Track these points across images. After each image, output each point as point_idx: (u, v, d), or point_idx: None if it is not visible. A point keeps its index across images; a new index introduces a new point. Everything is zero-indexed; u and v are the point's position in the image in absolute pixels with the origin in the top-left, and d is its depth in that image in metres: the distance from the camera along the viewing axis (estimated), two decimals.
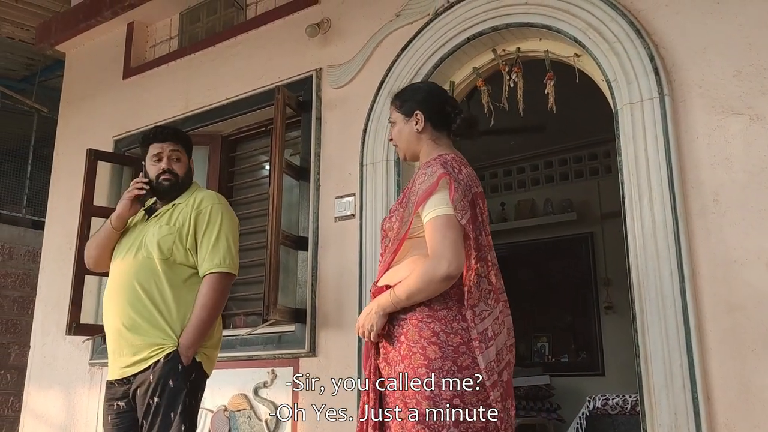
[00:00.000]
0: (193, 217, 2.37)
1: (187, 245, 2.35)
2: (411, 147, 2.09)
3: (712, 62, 2.53)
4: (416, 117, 2.05)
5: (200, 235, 2.36)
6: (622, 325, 5.32)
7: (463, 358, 1.82)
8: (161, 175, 2.44)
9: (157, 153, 2.46)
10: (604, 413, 4.01)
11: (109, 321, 2.36)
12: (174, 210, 2.43)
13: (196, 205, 2.40)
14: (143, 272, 2.32)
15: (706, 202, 2.45)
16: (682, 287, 2.39)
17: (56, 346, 4.39)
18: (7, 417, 6.41)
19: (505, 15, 3.02)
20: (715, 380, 2.32)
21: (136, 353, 2.26)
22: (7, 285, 6.63)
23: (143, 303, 2.29)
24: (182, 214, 2.40)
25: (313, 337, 3.30)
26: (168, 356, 2.23)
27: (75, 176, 4.43)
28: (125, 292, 2.32)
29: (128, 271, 2.34)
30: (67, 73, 5.10)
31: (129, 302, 2.30)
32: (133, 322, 2.28)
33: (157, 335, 2.26)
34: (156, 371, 2.22)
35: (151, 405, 2.20)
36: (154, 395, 2.20)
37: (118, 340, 2.31)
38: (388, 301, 1.89)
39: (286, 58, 3.80)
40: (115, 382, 2.33)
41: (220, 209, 2.42)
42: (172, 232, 2.35)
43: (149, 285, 2.30)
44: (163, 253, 2.32)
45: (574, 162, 6.15)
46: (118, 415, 2.32)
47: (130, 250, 2.39)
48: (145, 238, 2.37)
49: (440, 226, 1.84)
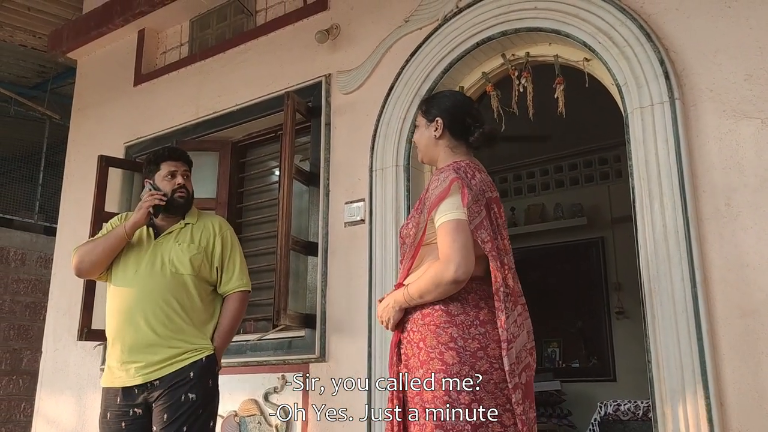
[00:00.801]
0: (219, 240, 2.63)
1: (215, 264, 2.60)
2: (429, 151, 2.15)
3: (723, 66, 2.52)
4: (436, 123, 2.11)
5: (226, 257, 2.63)
6: (633, 331, 5.29)
7: (481, 363, 1.85)
8: (177, 191, 2.60)
9: (172, 171, 2.62)
10: (616, 419, 3.98)
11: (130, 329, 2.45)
12: (191, 230, 2.62)
13: (218, 230, 2.65)
14: (174, 286, 2.49)
15: (718, 206, 2.43)
16: (694, 292, 2.37)
17: (68, 351, 4.41)
18: (20, 422, 6.45)
19: (514, 20, 3.02)
20: (728, 386, 2.30)
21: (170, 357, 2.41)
22: (20, 291, 6.68)
23: (178, 313, 2.47)
24: (204, 235, 2.61)
25: (323, 343, 3.30)
26: (210, 356, 2.47)
27: (86, 182, 4.46)
28: (158, 302, 2.45)
29: (158, 284, 2.48)
30: (79, 80, 5.14)
31: (164, 312, 2.45)
32: (168, 330, 2.44)
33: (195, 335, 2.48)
34: (196, 369, 2.41)
35: (188, 399, 2.36)
36: (192, 391, 2.38)
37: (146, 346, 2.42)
38: (402, 298, 1.97)
39: (295, 64, 3.81)
40: (135, 388, 2.41)
41: (234, 234, 2.73)
42: (200, 251, 2.57)
43: (182, 298, 2.49)
44: (194, 269, 2.53)
45: (585, 166, 6.13)
46: (134, 421, 2.41)
47: (149, 264, 2.52)
48: (170, 255, 2.53)
49: (450, 230, 1.88)
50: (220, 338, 2.54)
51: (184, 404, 2.35)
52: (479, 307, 1.92)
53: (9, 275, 6.63)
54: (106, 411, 2.46)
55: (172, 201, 2.58)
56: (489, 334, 1.89)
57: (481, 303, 1.93)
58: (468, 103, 2.24)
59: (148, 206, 2.51)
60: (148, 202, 2.52)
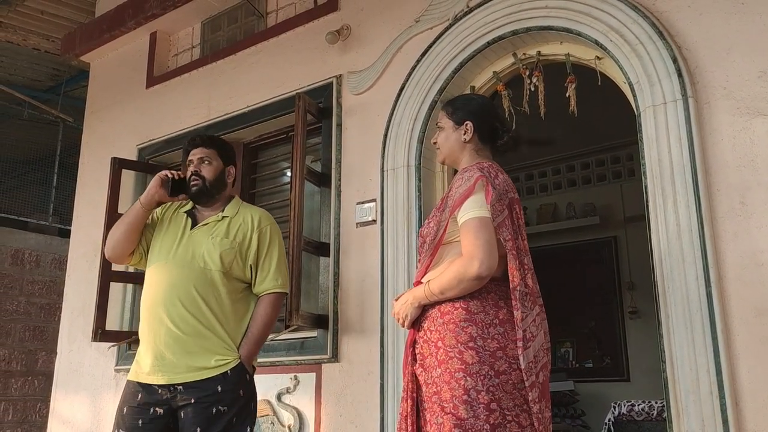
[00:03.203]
0: (256, 236, 2.45)
1: (249, 262, 2.43)
2: (454, 154, 2.16)
3: (737, 63, 2.50)
4: (466, 127, 2.12)
5: (262, 255, 2.45)
6: (647, 330, 5.26)
7: (500, 363, 1.86)
8: (190, 180, 2.48)
9: (190, 160, 2.52)
10: (630, 419, 3.96)
11: (154, 324, 2.34)
12: (227, 223, 2.46)
13: (257, 225, 2.47)
14: (202, 282, 2.35)
15: (732, 204, 2.41)
16: (709, 291, 2.35)
17: (82, 352, 4.44)
18: (35, 422, 6.51)
19: (525, 19, 3.01)
20: (743, 385, 2.28)
21: (193, 360, 2.27)
22: (35, 292, 6.74)
23: (202, 311, 2.32)
24: (241, 230, 2.45)
25: (336, 343, 3.31)
26: (236, 368, 2.30)
27: (100, 185, 4.49)
28: (181, 297, 2.32)
29: (184, 278, 2.35)
30: (92, 83, 5.18)
31: (187, 308, 2.31)
32: (192, 328, 2.30)
33: (218, 344, 2.31)
34: (225, 382, 2.27)
35: (219, 412, 2.24)
36: (222, 404, 2.25)
37: (167, 343, 2.29)
38: (422, 294, 1.97)
39: (306, 66, 3.82)
40: (158, 387, 2.28)
41: (276, 230, 2.53)
42: (233, 247, 2.41)
43: (208, 295, 2.34)
44: (224, 266, 2.38)
45: (597, 165, 6.10)
46: (152, 420, 2.27)
47: (180, 255, 2.39)
48: (201, 248, 2.39)
49: (474, 227, 1.90)
50: (246, 346, 2.35)
51: (216, 417, 2.23)
52: (498, 306, 1.93)
53: (24, 277, 6.69)
54: (123, 405, 2.32)
55: (188, 190, 2.48)
56: (508, 333, 1.90)
57: (500, 302, 1.94)
58: (495, 107, 2.29)
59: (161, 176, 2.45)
60: (162, 173, 2.47)
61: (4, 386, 6.42)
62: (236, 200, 2.58)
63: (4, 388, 6.42)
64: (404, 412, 1.98)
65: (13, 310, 6.55)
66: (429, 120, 3.24)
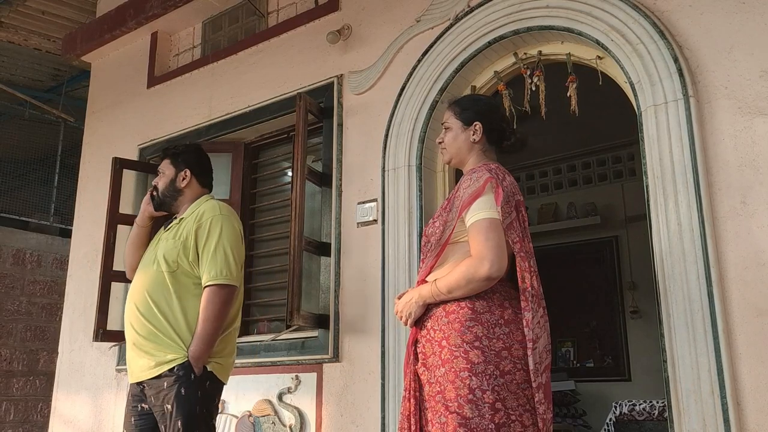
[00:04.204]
0: (194, 229, 2.44)
1: (191, 258, 2.42)
2: (461, 154, 2.16)
3: (738, 63, 2.50)
4: (475, 127, 2.13)
5: (200, 247, 2.42)
6: (648, 330, 5.26)
7: (505, 363, 1.87)
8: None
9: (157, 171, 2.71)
10: (631, 419, 3.96)
11: (126, 328, 2.49)
12: (181, 224, 2.54)
13: (198, 218, 2.47)
14: (153, 284, 2.43)
15: (733, 204, 2.41)
16: (710, 291, 2.35)
17: (84, 352, 4.45)
18: (36, 422, 6.52)
19: (526, 18, 3.01)
20: (744, 385, 2.28)
21: (149, 359, 2.37)
22: (36, 292, 6.74)
23: (153, 313, 2.39)
24: (186, 227, 2.49)
25: (337, 343, 3.31)
26: (181, 365, 2.31)
27: (101, 184, 4.50)
28: (139, 301, 2.44)
29: (143, 282, 2.47)
30: (93, 83, 5.18)
31: (141, 312, 2.42)
32: (146, 330, 2.39)
33: (168, 344, 2.35)
34: (169, 379, 2.31)
35: (165, 411, 2.30)
36: (168, 402, 2.30)
37: (133, 347, 2.43)
38: (428, 293, 1.97)
39: (307, 65, 3.82)
40: (137, 384, 2.44)
41: (219, 220, 2.45)
42: (176, 245, 2.43)
43: (158, 296, 2.41)
44: (169, 265, 2.42)
45: (598, 165, 6.09)
46: (141, 417, 2.43)
47: (144, 262, 2.55)
48: (157, 252, 2.51)
49: (484, 228, 1.90)
50: (193, 344, 2.32)
51: (165, 415, 2.31)
52: (503, 306, 1.93)
53: (25, 277, 6.69)
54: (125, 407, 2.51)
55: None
56: (512, 334, 1.90)
57: (505, 303, 1.94)
58: (501, 108, 2.28)
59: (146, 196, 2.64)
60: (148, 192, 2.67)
61: (6, 386, 6.43)
62: (200, 200, 2.59)
63: (5, 388, 6.43)
64: (406, 412, 1.98)
65: (14, 310, 6.56)
66: (430, 120, 3.24)
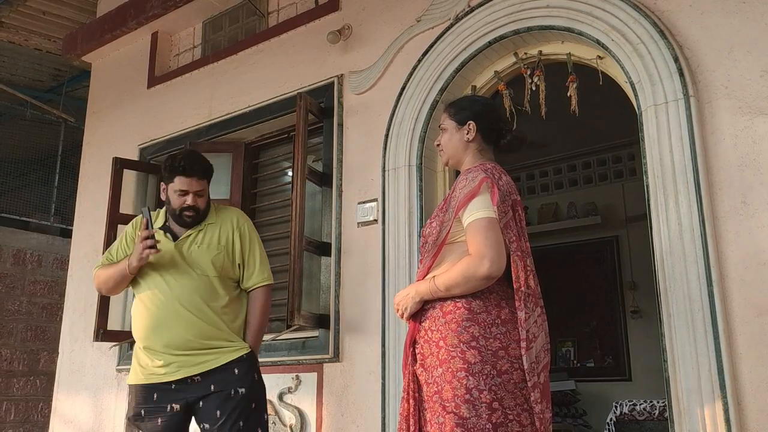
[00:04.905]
0: (238, 236, 2.60)
1: (237, 261, 2.57)
2: (457, 155, 2.16)
3: (739, 62, 2.50)
4: (468, 126, 2.13)
5: (246, 252, 2.60)
6: (648, 330, 5.26)
7: (502, 362, 1.87)
8: (185, 211, 2.53)
9: (184, 189, 2.51)
10: (632, 419, 3.96)
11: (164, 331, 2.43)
12: (210, 230, 2.57)
13: (236, 225, 2.61)
14: (203, 288, 2.48)
15: (734, 203, 2.41)
16: (710, 291, 2.35)
17: (84, 352, 4.45)
18: (37, 422, 6.52)
19: (526, 18, 3.01)
20: (745, 385, 2.28)
21: (209, 353, 2.42)
22: (36, 292, 6.75)
23: (207, 314, 2.45)
24: (223, 232, 2.58)
25: (337, 343, 3.31)
26: (249, 354, 2.49)
27: (101, 185, 4.50)
28: (187, 305, 2.44)
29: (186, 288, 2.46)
30: (93, 83, 5.18)
31: (194, 314, 2.43)
32: (201, 330, 2.43)
33: (228, 339, 2.48)
34: (241, 364, 2.44)
35: (237, 394, 2.39)
36: (240, 386, 2.41)
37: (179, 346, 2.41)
38: (426, 289, 1.97)
39: (307, 65, 3.82)
40: (173, 383, 2.40)
41: (252, 227, 2.69)
42: (221, 250, 2.54)
43: (211, 299, 2.48)
44: (217, 270, 2.51)
45: (598, 165, 6.09)
46: (171, 417, 2.40)
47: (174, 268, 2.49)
48: (192, 257, 2.51)
49: (482, 227, 1.90)
50: (252, 337, 2.54)
51: (234, 398, 2.38)
52: (500, 306, 1.93)
53: (26, 277, 6.70)
54: (138, 409, 2.43)
55: (179, 219, 2.54)
56: (509, 333, 1.90)
57: (502, 302, 1.94)
58: (497, 108, 2.28)
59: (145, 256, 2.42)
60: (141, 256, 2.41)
61: (6, 386, 6.43)
62: (216, 205, 2.68)
63: (6, 388, 6.43)
64: (405, 412, 1.98)
65: (15, 310, 6.56)
66: (430, 120, 3.24)
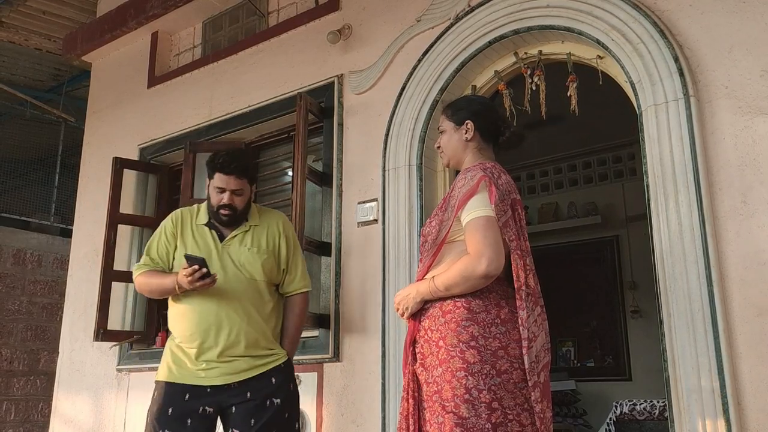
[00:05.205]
0: (284, 241, 2.59)
1: (282, 266, 2.57)
2: (457, 155, 2.17)
3: (739, 62, 2.50)
4: (466, 126, 2.13)
5: (290, 257, 2.59)
6: (648, 330, 5.26)
7: (502, 362, 1.87)
8: (221, 209, 2.48)
9: (221, 187, 2.47)
10: (632, 419, 3.96)
11: (210, 335, 2.39)
12: (257, 233, 2.54)
13: (282, 230, 2.60)
14: (251, 292, 2.46)
15: (734, 203, 2.41)
16: (710, 290, 2.35)
17: (84, 352, 4.45)
18: (37, 422, 6.52)
19: (526, 18, 3.01)
20: (745, 385, 2.28)
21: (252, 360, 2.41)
22: (36, 292, 6.75)
23: (256, 319, 2.44)
24: (270, 237, 2.56)
25: (337, 343, 3.31)
26: (286, 362, 2.48)
27: (101, 184, 4.50)
28: (235, 307, 2.42)
29: (234, 291, 2.43)
30: (93, 83, 5.18)
31: (243, 319, 2.41)
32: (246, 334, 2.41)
33: (269, 345, 2.47)
34: (278, 374, 2.43)
35: (273, 404, 2.38)
36: (276, 396, 2.40)
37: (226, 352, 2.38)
38: (426, 290, 1.98)
39: (307, 65, 3.82)
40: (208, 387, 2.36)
41: (294, 233, 2.70)
42: (269, 255, 2.53)
43: (258, 303, 2.47)
44: (266, 275, 2.50)
45: (598, 165, 6.09)
46: (201, 419, 2.36)
47: (222, 270, 2.43)
48: (240, 260, 2.47)
49: (480, 226, 1.90)
50: (289, 344, 2.54)
51: (270, 409, 2.37)
52: (500, 306, 1.93)
53: (26, 277, 6.70)
54: (166, 406, 2.35)
55: (215, 216, 2.50)
56: (509, 333, 1.90)
57: (501, 302, 1.94)
58: (494, 106, 2.29)
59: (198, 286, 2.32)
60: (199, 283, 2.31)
61: (7, 386, 6.44)
62: (254, 208, 2.62)
63: (6, 388, 6.43)
64: (405, 412, 1.98)
65: (15, 310, 6.56)
66: (430, 119, 3.24)
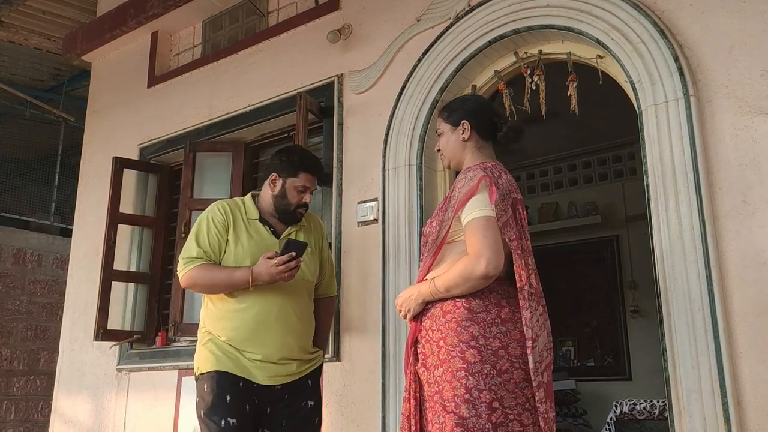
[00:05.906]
0: (325, 243, 2.61)
1: (324, 269, 2.59)
2: (456, 155, 2.17)
3: (739, 62, 2.49)
4: (463, 126, 2.13)
5: (325, 258, 2.61)
6: (648, 329, 5.26)
7: (502, 362, 1.87)
8: (300, 208, 2.46)
9: (307, 186, 2.45)
10: (632, 418, 3.96)
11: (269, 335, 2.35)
12: (305, 233, 2.53)
13: (322, 232, 2.62)
14: (304, 293, 2.48)
15: (734, 203, 2.41)
16: (710, 290, 2.35)
17: (84, 351, 4.45)
18: (37, 422, 6.52)
19: (526, 18, 3.01)
20: (745, 385, 2.28)
21: (298, 364, 2.41)
22: (36, 291, 6.75)
23: (304, 321, 2.46)
24: (315, 237, 2.57)
25: (337, 342, 3.31)
26: (320, 365, 2.53)
27: (101, 184, 4.50)
28: (295, 308, 2.42)
29: (292, 291, 2.40)
30: (93, 83, 5.18)
31: (299, 317, 2.42)
32: (301, 336, 2.43)
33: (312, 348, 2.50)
34: (313, 377, 2.46)
35: (307, 406, 2.40)
36: (311, 398, 2.43)
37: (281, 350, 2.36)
38: (427, 291, 1.98)
39: (307, 65, 3.82)
40: (256, 384, 2.32)
41: None
42: (314, 256, 2.52)
43: (307, 304, 2.50)
44: (315, 275, 2.52)
45: (598, 164, 6.09)
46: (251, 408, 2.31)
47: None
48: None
49: (480, 226, 1.90)
50: (324, 346, 2.59)
51: (303, 410, 2.39)
52: (500, 305, 1.93)
53: (26, 276, 6.70)
54: (224, 394, 2.27)
55: (292, 214, 2.45)
56: (510, 333, 1.90)
57: (502, 302, 1.94)
58: (489, 103, 2.28)
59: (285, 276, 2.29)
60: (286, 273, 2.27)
61: (7, 385, 6.44)
62: None
63: (6, 388, 6.43)
64: (407, 412, 1.98)
65: (15, 310, 6.57)
66: (430, 119, 3.24)
